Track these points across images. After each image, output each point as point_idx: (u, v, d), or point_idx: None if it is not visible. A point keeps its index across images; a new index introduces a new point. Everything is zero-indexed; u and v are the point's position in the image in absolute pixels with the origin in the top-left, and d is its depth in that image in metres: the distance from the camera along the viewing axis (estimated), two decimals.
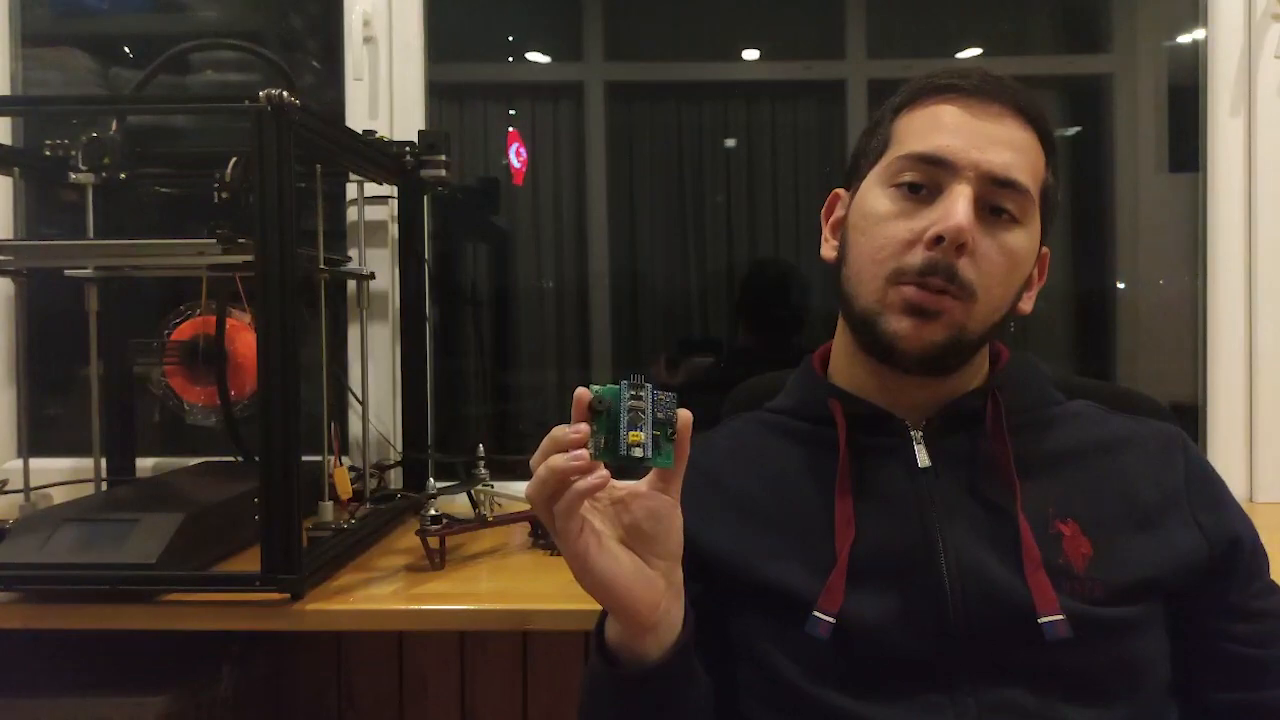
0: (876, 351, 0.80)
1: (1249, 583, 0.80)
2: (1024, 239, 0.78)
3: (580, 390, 0.65)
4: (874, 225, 0.79)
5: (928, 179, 0.77)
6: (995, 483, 0.78)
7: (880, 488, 0.80)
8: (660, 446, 0.66)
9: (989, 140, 0.76)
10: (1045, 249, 0.85)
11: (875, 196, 0.80)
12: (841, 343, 0.87)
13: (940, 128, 0.78)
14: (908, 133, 0.80)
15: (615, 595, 0.67)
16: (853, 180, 0.86)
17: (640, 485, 0.69)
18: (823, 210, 0.89)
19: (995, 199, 0.77)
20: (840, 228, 0.86)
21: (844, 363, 0.86)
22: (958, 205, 0.74)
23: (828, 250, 0.87)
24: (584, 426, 0.64)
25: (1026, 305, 0.84)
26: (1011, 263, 0.78)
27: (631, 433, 0.64)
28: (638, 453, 0.64)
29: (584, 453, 0.63)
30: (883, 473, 0.80)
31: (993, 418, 0.80)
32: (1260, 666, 0.78)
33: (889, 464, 0.80)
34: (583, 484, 0.63)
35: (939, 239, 0.74)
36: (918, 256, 0.75)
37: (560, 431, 0.64)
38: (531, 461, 0.65)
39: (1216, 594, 0.78)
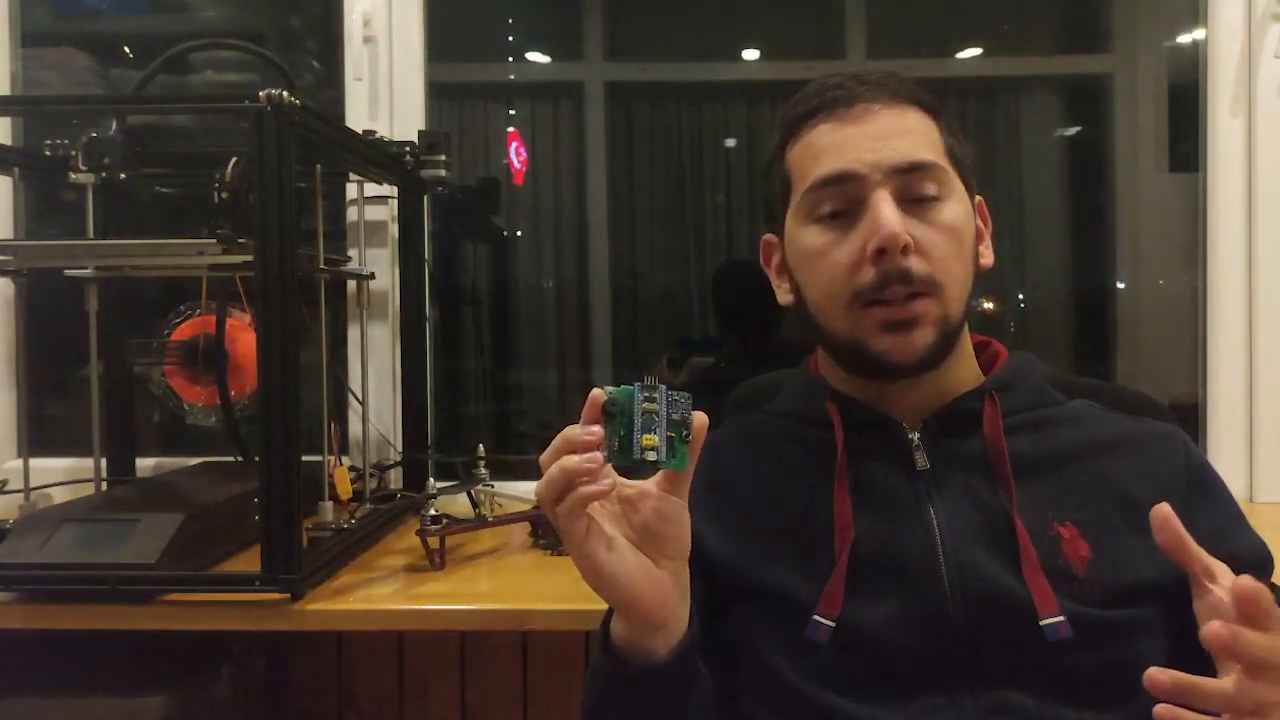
0: (872, 372, 0.81)
1: None
2: (955, 208, 0.79)
3: (595, 391, 0.64)
4: (815, 262, 0.80)
5: (842, 201, 0.78)
6: (992, 484, 0.78)
7: (879, 490, 0.80)
8: (674, 448, 0.65)
9: (875, 138, 0.77)
10: (978, 198, 0.85)
11: (803, 234, 0.81)
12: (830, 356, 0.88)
13: (825, 149, 0.78)
14: (800, 166, 0.81)
15: (623, 595, 0.68)
16: (775, 225, 0.87)
17: (649, 486, 0.69)
18: (761, 260, 0.90)
19: (912, 187, 0.77)
20: (784, 271, 0.87)
21: (839, 372, 0.87)
22: (883, 212, 0.75)
23: (783, 296, 0.88)
24: (598, 429, 0.63)
25: (986, 259, 0.85)
26: (955, 236, 0.78)
27: (645, 436, 0.64)
28: (651, 456, 0.64)
29: (597, 455, 0.63)
30: (881, 475, 0.80)
31: (990, 419, 0.80)
32: None
33: (887, 466, 0.81)
34: (586, 490, 0.63)
35: (881, 251, 0.75)
36: (869, 275, 0.76)
37: (573, 432, 0.64)
38: (541, 460, 0.65)
39: None
